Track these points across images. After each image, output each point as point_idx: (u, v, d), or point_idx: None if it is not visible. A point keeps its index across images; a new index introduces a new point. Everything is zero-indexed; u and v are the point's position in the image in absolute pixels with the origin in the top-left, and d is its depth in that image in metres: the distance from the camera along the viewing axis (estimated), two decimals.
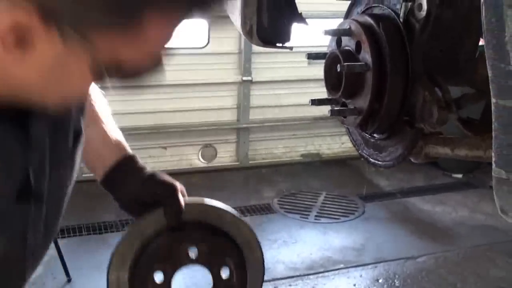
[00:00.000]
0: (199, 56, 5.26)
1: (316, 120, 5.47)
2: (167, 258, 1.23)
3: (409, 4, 1.45)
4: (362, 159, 1.65)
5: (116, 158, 1.30)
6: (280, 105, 5.54)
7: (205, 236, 1.25)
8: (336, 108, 1.56)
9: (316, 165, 5.71)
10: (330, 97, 1.62)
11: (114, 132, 1.36)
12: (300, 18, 2.18)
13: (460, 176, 5.59)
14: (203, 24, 5.39)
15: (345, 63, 1.46)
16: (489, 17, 0.84)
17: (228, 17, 3.04)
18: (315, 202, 4.95)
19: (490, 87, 0.90)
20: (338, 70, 1.47)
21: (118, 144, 1.33)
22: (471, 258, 4.23)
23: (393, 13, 1.49)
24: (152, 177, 1.26)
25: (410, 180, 5.44)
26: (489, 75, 0.89)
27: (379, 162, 1.57)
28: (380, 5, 1.54)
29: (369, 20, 1.49)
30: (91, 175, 1.30)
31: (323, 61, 1.71)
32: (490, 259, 4.18)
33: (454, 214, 4.89)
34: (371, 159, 1.60)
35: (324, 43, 1.90)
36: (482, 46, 1.69)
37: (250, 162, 5.62)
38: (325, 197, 5.05)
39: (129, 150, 1.33)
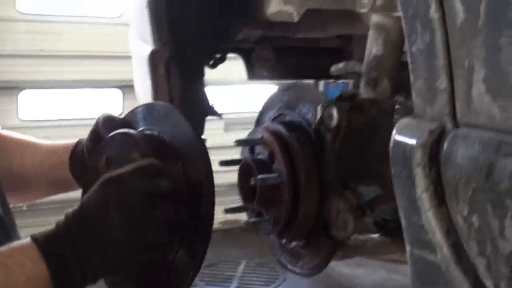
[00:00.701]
0: None
1: (234, 186, 5.43)
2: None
3: (320, 113, 1.45)
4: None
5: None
6: None
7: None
8: (251, 221, 1.53)
9: (235, 232, 5.65)
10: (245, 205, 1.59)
11: (49, 144, 1.48)
12: (213, 111, 2.17)
13: None
14: (116, 93, 5.32)
15: (258, 177, 1.44)
16: (398, 171, 0.84)
17: None
18: (236, 271, 4.88)
19: (404, 234, 0.89)
20: (252, 183, 1.45)
21: (64, 149, 1.43)
22: None
23: (305, 122, 1.49)
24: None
25: None
26: (402, 223, 0.88)
27: (297, 270, 1.54)
28: (292, 113, 1.55)
29: (281, 129, 1.49)
30: None
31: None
32: None
33: (373, 276, 4.95)
34: (288, 266, 1.57)
35: (239, 109, 1.91)
36: None
37: None
38: (245, 266, 4.99)
39: (71, 141, 1.45)
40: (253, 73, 2.81)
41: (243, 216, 5.88)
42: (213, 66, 2.36)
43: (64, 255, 1.02)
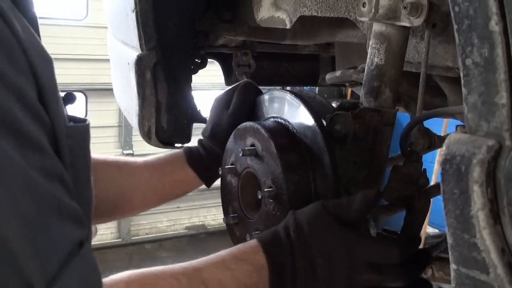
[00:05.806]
0: None
1: (200, 191, 5.36)
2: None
3: (327, 122, 1.44)
4: None
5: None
6: None
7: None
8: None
9: (201, 237, 5.60)
10: None
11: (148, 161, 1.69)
12: (200, 117, 2.13)
13: None
14: (80, 97, 5.19)
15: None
16: (451, 188, 0.81)
17: (107, 89, 2.92)
18: None
19: (450, 252, 0.86)
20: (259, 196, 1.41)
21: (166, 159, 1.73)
22: None
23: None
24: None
25: None
26: (449, 241, 0.86)
27: None
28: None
29: None
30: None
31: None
32: None
33: None
34: None
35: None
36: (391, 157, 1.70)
37: (133, 238, 5.38)
38: None
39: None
40: (232, 78, 2.77)
41: (208, 220, 5.86)
42: (194, 71, 2.31)
43: (283, 264, 1.09)
